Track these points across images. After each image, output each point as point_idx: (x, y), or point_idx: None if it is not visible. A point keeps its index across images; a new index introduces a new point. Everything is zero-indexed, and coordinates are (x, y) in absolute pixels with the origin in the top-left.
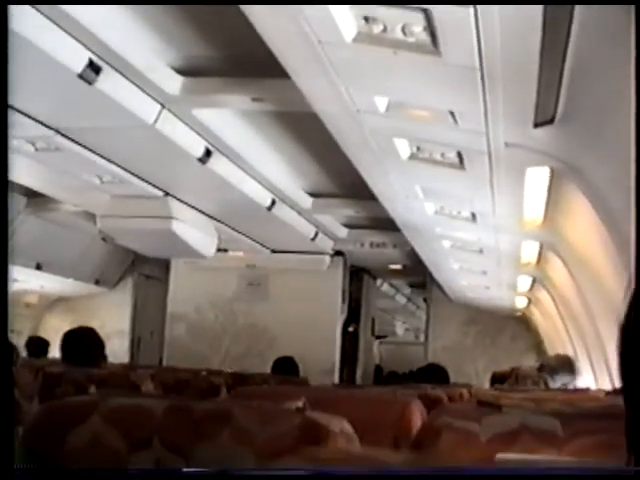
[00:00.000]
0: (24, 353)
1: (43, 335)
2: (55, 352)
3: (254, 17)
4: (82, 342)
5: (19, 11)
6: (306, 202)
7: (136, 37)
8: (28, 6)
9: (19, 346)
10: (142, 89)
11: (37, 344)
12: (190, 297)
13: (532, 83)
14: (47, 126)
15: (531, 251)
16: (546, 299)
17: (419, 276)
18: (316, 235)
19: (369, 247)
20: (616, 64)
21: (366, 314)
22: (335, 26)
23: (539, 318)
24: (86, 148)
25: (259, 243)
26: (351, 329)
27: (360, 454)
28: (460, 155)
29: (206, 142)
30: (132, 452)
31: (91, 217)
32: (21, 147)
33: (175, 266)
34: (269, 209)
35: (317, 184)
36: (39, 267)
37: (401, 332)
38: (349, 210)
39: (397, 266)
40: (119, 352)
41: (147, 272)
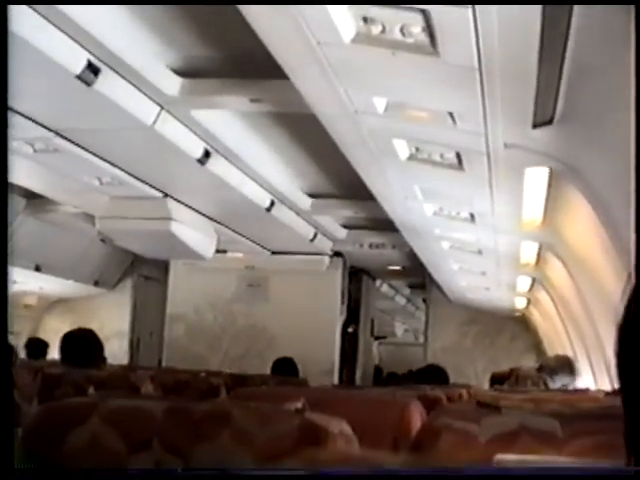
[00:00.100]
0: (23, 354)
1: (42, 336)
2: (54, 353)
3: (252, 18)
4: (81, 343)
5: (17, 12)
6: (305, 203)
7: (135, 38)
8: (26, 7)
9: (18, 347)
10: (141, 90)
11: (36, 345)
12: (189, 298)
13: (531, 83)
14: (46, 127)
15: (530, 252)
16: (545, 300)
17: (418, 277)
18: (315, 236)
19: (368, 248)
20: (615, 64)
21: (365, 315)
22: (334, 27)
23: (538, 319)
24: (85, 149)
25: (258, 244)
26: (350, 330)
27: (359, 456)
28: (459, 156)
29: (205, 143)
30: (131, 453)
31: (90, 218)
32: (20, 148)
33: (174, 267)
34: (268, 210)
35: (316, 185)
36: (38, 268)
37: (400, 333)
38: (348, 211)
39: (396, 267)
40: (118, 353)
41: (146, 273)
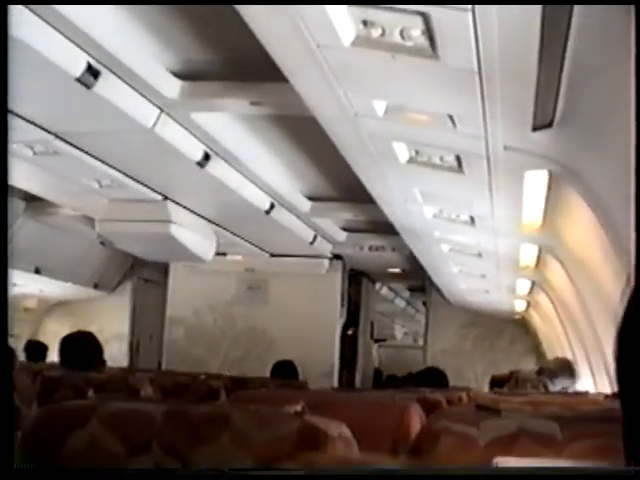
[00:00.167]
0: (23, 357)
1: (42, 339)
2: (54, 356)
3: (252, 20)
4: (81, 346)
5: (17, 14)
6: (305, 206)
7: (135, 41)
8: (26, 10)
9: (18, 350)
10: (141, 93)
11: (36, 348)
12: (189, 301)
13: (530, 86)
14: (45, 130)
15: (530, 254)
16: (545, 302)
17: (418, 280)
18: (315, 239)
19: (368, 251)
20: (615, 67)
21: (365, 318)
22: (333, 30)
23: (538, 321)
24: (85, 152)
25: (258, 247)
26: (350, 333)
27: (357, 459)
28: (459, 159)
29: (205, 146)
30: (131, 456)
31: (90, 221)
32: (20, 151)
33: (174, 270)
34: (268, 213)
35: (316, 188)
36: (38, 271)
37: (400, 336)
38: (348, 214)
39: (396, 270)
40: (118, 356)
41: (146, 276)
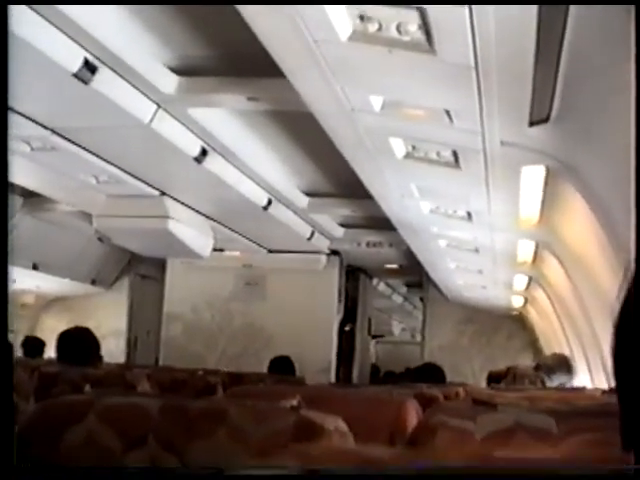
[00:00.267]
0: (20, 353)
1: (39, 335)
2: (51, 352)
3: (249, 16)
4: (78, 342)
5: (15, 10)
6: (302, 201)
7: (132, 37)
8: (23, 5)
9: (15, 346)
10: (138, 88)
11: (33, 344)
12: (186, 297)
13: (527, 81)
14: (43, 126)
15: (527, 250)
16: (542, 298)
17: (415, 275)
18: (312, 234)
19: (365, 246)
20: (611, 62)
21: (362, 314)
22: (330, 25)
23: (535, 317)
24: (82, 148)
25: (255, 243)
26: (347, 329)
27: (351, 450)
28: (455, 154)
29: (202, 141)
30: (127, 451)
31: (87, 217)
32: (17, 147)
33: (171, 266)
34: (265, 208)
35: (313, 183)
36: (35, 267)
37: (398, 331)
38: (345, 209)
39: (393, 265)
40: (115, 352)
41: (143, 272)
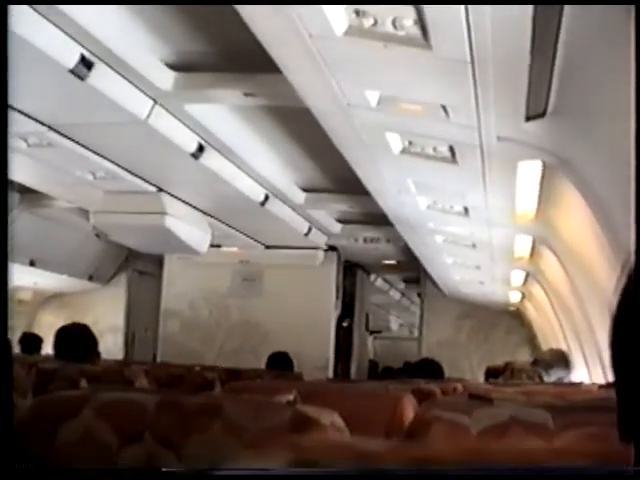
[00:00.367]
0: (18, 349)
1: (37, 332)
2: (49, 348)
3: (245, 12)
4: (75, 338)
5: (11, 6)
6: (299, 197)
7: (128, 32)
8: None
9: (13, 342)
10: (134, 84)
11: (31, 340)
12: (184, 293)
13: (523, 76)
14: (39, 122)
15: (524, 245)
16: (539, 293)
17: (413, 271)
18: (310, 230)
19: (363, 242)
20: (607, 58)
21: (360, 309)
22: (326, 20)
23: (533, 313)
24: (79, 144)
25: (253, 239)
26: (345, 324)
27: (344, 442)
28: (452, 149)
29: (199, 137)
30: (123, 446)
31: (84, 213)
32: (13, 143)
33: (169, 262)
34: (262, 204)
35: (310, 179)
36: (33, 264)
37: (395, 327)
38: (343, 205)
39: (391, 261)
40: (113, 348)
41: (141, 268)
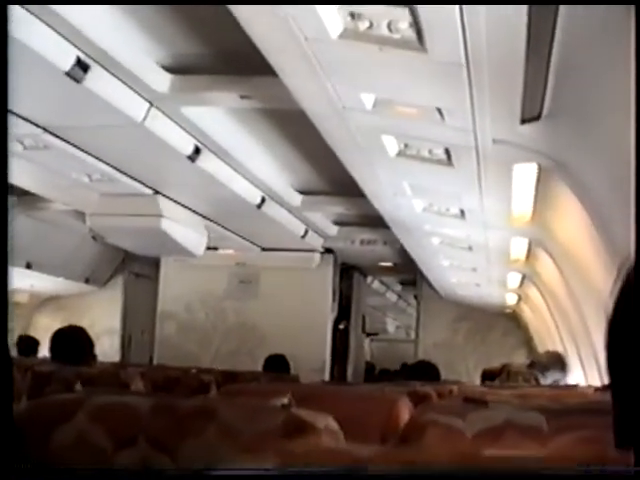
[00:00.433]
0: (14, 352)
1: (33, 334)
2: (45, 351)
3: (241, 14)
4: (71, 341)
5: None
6: (296, 200)
7: (124, 35)
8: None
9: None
10: (130, 87)
11: (27, 343)
12: (180, 295)
13: (519, 79)
14: (35, 124)
15: (520, 248)
16: (536, 296)
17: (410, 273)
18: (306, 233)
19: (359, 244)
20: (602, 60)
21: (357, 311)
22: (321, 23)
23: (529, 315)
24: (75, 146)
25: (249, 241)
26: (342, 326)
27: (337, 448)
28: (448, 152)
29: (195, 140)
30: (117, 450)
31: (81, 216)
32: (10, 146)
33: (165, 264)
34: (259, 207)
35: (307, 181)
36: (29, 266)
37: (392, 329)
38: (339, 207)
39: (387, 263)
40: (109, 351)
41: (137, 270)
